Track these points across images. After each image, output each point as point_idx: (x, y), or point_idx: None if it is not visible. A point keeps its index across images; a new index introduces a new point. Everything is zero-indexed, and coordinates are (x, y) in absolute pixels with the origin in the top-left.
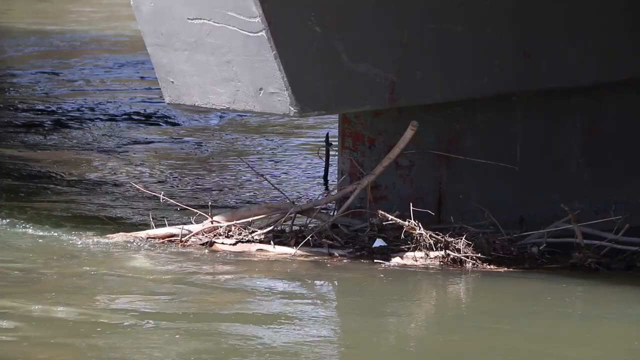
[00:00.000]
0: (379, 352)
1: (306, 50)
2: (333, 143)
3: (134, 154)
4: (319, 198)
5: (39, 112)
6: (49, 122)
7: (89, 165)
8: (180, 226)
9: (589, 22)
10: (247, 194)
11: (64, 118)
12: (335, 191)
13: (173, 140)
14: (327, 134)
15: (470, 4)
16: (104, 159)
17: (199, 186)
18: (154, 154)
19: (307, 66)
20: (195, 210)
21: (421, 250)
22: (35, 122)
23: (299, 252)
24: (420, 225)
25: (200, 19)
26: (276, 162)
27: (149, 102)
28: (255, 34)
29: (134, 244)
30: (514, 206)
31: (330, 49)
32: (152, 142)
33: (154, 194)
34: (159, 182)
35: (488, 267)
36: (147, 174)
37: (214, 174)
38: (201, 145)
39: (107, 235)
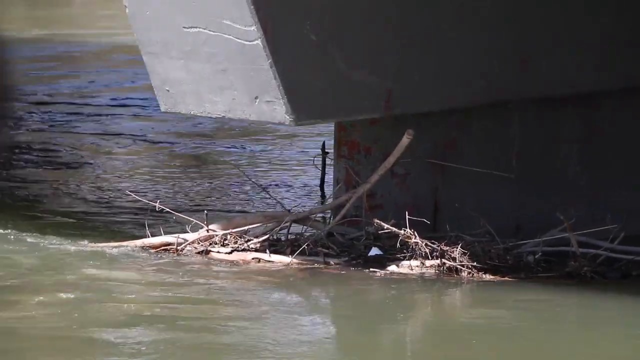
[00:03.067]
0: None
1: (302, 59)
2: (329, 151)
3: (130, 157)
4: (315, 206)
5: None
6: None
7: (83, 168)
8: (176, 235)
9: (587, 29)
10: (243, 202)
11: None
12: (331, 200)
13: (170, 145)
14: (324, 142)
15: (469, 7)
16: (99, 163)
17: (195, 193)
18: (151, 159)
19: (302, 74)
20: (191, 219)
21: (417, 259)
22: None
23: (295, 260)
24: (416, 234)
25: (196, 27)
26: (272, 169)
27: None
28: (251, 43)
29: (130, 252)
30: (510, 213)
31: (326, 57)
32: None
33: (149, 202)
34: (155, 189)
35: (484, 275)
36: (143, 179)
37: (210, 181)
38: (197, 150)
39: (102, 244)
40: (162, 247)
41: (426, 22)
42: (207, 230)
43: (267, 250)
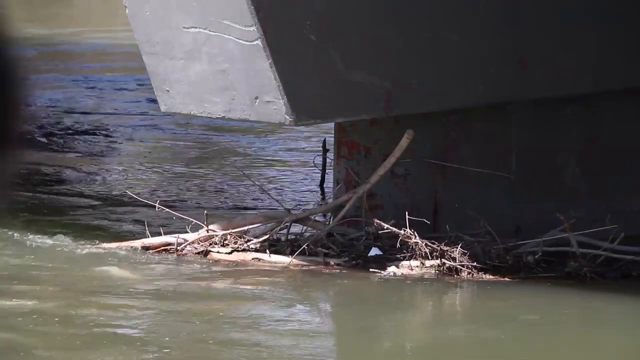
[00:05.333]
0: None
1: (302, 59)
2: (329, 149)
3: (127, 156)
4: (315, 207)
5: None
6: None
7: (82, 167)
8: (176, 235)
9: (585, 31)
10: (243, 201)
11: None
12: (331, 200)
13: (169, 143)
14: (324, 140)
15: (468, 8)
16: (98, 161)
17: (194, 192)
18: (149, 158)
19: (302, 75)
20: (191, 219)
21: (417, 259)
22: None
23: (295, 261)
24: (416, 234)
25: (196, 27)
26: (273, 167)
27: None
28: (251, 43)
29: (129, 253)
30: (510, 215)
31: (326, 58)
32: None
33: (149, 202)
34: (155, 188)
35: (484, 276)
36: (142, 179)
37: (210, 180)
38: (197, 148)
39: (101, 245)
40: (162, 247)
41: (426, 24)
42: (207, 231)
43: (267, 251)
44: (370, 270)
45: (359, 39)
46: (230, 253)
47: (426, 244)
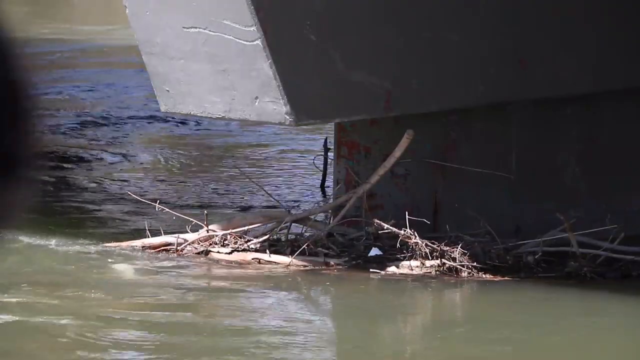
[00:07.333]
0: None
1: (302, 59)
2: (331, 148)
3: (129, 155)
4: (315, 207)
5: None
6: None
7: (82, 164)
8: (176, 235)
9: (585, 31)
10: (243, 201)
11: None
12: (331, 200)
13: (170, 142)
14: (326, 139)
15: (469, 8)
16: (97, 156)
17: (195, 191)
18: (151, 158)
19: (302, 75)
20: (191, 219)
21: (417, 259)
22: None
23: (295, 261)
24: (416, 234)
25: (196, 27)
26: (273, 166)
27: None
28: (251, 43)
29: (129, 252)
30: (510, 215)
31: (326, 58)
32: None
33: (149, 202)
34: (155, 187)
35: (484, 276)
36: (142, 178)
37: (210, 179)
38: (197, 147)
39: (100, 244)
40: (162, 248)
41: (426, 24)
42: (207, 231)
43: (267, 251)
44: (370, 270)
45: (359, 39)
46: (230, 253)
47: (426, 244)
